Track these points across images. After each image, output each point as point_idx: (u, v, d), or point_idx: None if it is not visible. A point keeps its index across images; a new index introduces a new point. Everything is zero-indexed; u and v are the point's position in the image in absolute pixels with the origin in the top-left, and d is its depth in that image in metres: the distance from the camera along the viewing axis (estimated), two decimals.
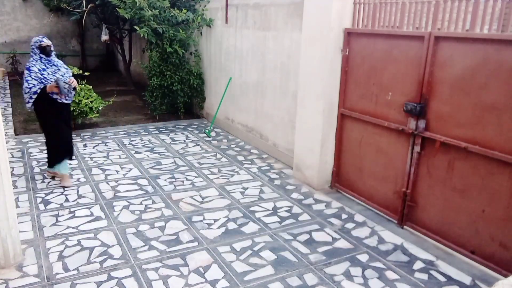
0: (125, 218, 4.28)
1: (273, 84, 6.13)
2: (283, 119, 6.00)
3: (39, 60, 4.79)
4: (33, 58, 4.81)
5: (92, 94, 7.26)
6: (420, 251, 3.81)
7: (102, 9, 10.06)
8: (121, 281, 3.28)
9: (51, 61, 4.88)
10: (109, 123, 7.99)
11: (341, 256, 3.71)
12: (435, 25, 3.74)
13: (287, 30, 5.67)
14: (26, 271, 3.39)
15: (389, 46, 4.13)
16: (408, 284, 3.34)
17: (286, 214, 4.48)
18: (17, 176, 5.27)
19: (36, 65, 4.75)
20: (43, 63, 4.79)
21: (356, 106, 4.63)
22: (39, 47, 4.78)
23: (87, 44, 14.37)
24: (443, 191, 3.79)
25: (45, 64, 4.81)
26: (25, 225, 4.08)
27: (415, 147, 3.97)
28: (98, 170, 5.57)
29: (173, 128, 7.80)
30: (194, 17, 7.72)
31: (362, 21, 4.51)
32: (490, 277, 3.42)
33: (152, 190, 4.98)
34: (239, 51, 6.92)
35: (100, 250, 3.69)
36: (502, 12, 3.25)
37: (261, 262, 3.59)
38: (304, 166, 5.26)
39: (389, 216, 4.39)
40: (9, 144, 6.46)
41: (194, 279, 3.33)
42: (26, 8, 13.35)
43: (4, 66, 13.09)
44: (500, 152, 3.29)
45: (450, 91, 3.61)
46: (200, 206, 4.62)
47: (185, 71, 8.05)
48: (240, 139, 7.17)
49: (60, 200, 4.65)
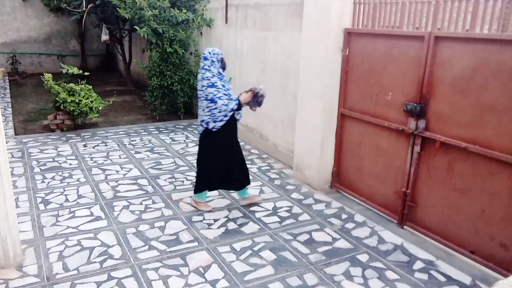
0: (125, 218, 4.28)
1: (273, 84, 6.13)
2: (283, 119, 6.00)
3: (217, 74, 4.19)
4: (213, 73, 4.15)
5: (92, 94, 7.27)
6: (420, 251, 3.81)
7: (102, 9, 10.06)
8: (121, 281, 3.28)
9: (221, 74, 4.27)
10: (109, 123, 7.99)
11: (341, 256, 3.71)
12: (435, 25, 3.74)
13: (287, 30, 5.66)
14: (26, 271, 3.39)
15: (389, 46, 4.13)
16: (408, 284, 3.34)
17: (286, 214, 4.48)
18: (17, 176, 5.27)
19: (218, 80, 4.17)
20: (218, 78, 4.19)
21: (356, 106, 4.63)
22: (221, 60, 4.24)
23: (87, 44, 14.38)
24: (443, 191, 3.79)
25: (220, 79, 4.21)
26: (25, 225, 4.08)
27: (415, 147, 3.97)
28: (98, 170, 5.57)
29: (173, 128, 7.80)
30: (194, 17, 7.72)
31: (362, 21, 4.51)
32: (490, 277, 3.42)
33: (152, 190, 4.98)
34: (239, 51, 6.92)
35: (100, 250, 3.69)
36: (502, 12, 3.25)
37: (261, 262, 3.59)
38: (304, 166, 5.26)
39: (389, 216, 4.38)
40: (9, 144, 6.46)
41: (194, 279, 3.33)
42: (26, 8, 13.36)
43: (4, 66, 13.09)
44: (500, 152, 3.29)
45: (450, 91, 3.61)
46: None
47: (185, 71, 8.05)
48: (240, 139, 7.15)
49: (60, 200, 4.65)
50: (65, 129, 7.27)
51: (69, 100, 6.88)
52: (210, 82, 4.10)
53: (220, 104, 4.09)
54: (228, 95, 4.15)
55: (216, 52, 4.21)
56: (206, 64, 4.17)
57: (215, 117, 4.15)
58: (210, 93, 4.09)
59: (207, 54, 4.19)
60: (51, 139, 6.83)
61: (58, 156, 6.03)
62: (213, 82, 4.10)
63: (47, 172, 5.45)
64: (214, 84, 4.10)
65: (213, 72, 4.15)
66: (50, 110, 8.16)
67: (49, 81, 6.98)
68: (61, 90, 6.96)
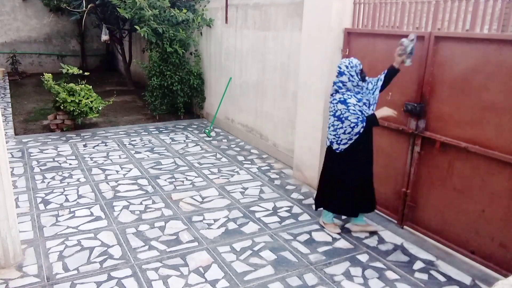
0: (125, 218, 4.28)
1: (273, 84, 6.13)
2: (283, 119, 5.99)
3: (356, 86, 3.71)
4: (347, 88, 3.70)
5: (92, 94, 7.27)
6: (420, 251, 3.81)
7: (102, 9, 10.06)
8: (121, 281, 3.28)
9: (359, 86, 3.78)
10: (109, 123, 7.99)
11: (341, 256, 3.71)
12: (435, 25, 3.74)
13: (287, 30, 5.66)
14: (26, 271, 3.38)
15: (389, 46, 4.12)
16: (408, 284, 3.34)
17: (286, 214, 4.48)
18: (17, 176, 5.27)
19: (353, 96, 3.69)
20: (356, 91, 3.73)
21: None
22: (360, 72, 3.73)
23: (87, 44, 14.38)
24: (443, 191, 3.79)
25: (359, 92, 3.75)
26: (25, 225, 4.08)
27: (415, 147, 3.97)
28: (98, 170, 5.57)
29: (173, 128, 7.80)
30: (194, 17, 7.72)
31: (362, 21, 4.51)
32: (490, 277, 3.42)
33: (152, 190, 4.98)
34: (239, 51, 6.92)
35: (100, 250, 3.69)
36: (502, 12, 3.25)
37: (261, 262, 3.59)
38: (304, 166, 5.25)
39: (389, 216, 4.38)
40: (9, 144, 6.46)
41: (194, 279, 3.33)
42: (26, 8, 13.36)
43: (4, 66, 13.09)
44: (500, 152, 3.29)
45: (450, 91, 3.61)
46: (200, 206, 4.62)
47: (185, 71, 8.05)
48: (240, 139, 7.17)
49: (60, 200, 4.65)
50: (65, 129, 7.27)
51: (69, 100, 6.88)
52: (343, 97, 3.66)
53: (346, 125, 3.65)
54: (361, 113, 3.64)
55: (354, 64, 3.69)
56: (342, 80, 3.71)
57: (339, 138, 3.74)
58: (339, 110, 3.67)
59: (343, 69, 3.68)
60: (51, 139, 6.83)
61: (58, 156, 6.03)
62: (346, 98, 3.65)
63: (47, 172, 5.45)
64: (346, 101, 3.64)
65: (348, 87, 3.69)
66: (50, 110, 8.16)
67: (49, 81, 6.98)
68: (61, 90, 6.96)
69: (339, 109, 3.67)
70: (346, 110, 3.63)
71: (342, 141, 3.74)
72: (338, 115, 3.68)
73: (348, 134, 3.69)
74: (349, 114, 3.62)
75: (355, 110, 3.62)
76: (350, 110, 3.62)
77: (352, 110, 3.62)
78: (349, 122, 3.64)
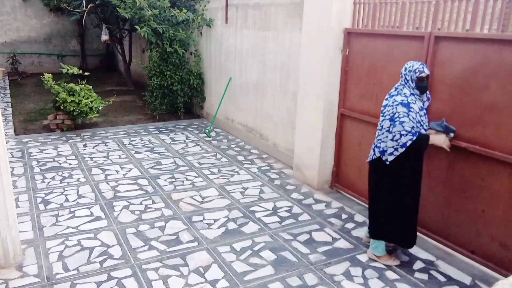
0: (125, 218, 4.28)
1: (273, 84, 6.13)
2: (283, 119, 6.00)
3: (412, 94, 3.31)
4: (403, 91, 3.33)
5: (92, 94, 7.27)
6: (420, 251, 3.81)
7: (102, 9, 10.06)
8: (121, 281, 3.28)
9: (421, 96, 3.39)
10: (109, 123, 7.99)
11: (341, 256, 3.71)
12: (435, 25, 3.74)
13: (287, 30, 5.67)
14: (26, 271, 3.39)
15: (389, 46, 4.13)
16: (408, 284, 3.34)
17: (286, 214, 4.48)
18: (17, 176, 5.27)
19: (417, 101, 3.32)
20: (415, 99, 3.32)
21: (356, 106, 4.63)
22: (418, 80, 3.28)
23: (87, 44, 14.38)
24: (443, 191, 3.79)
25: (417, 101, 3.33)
26: (25, 225, 4.08)
27: None
28: (98, 170, 5.57)
29: (173, 128, 7.80)
30: (194, 17, 7.72)
31: (362, 21, 4.51)
32: (490, 277, 3.42)
33: (152, 190, 4.98)
34: (239, 51, 6.92)
35: (100, 250, 3.69)
36: (502, 12, 3.25)
37: (261, 262, 3.59)
38: (304, 166, 5.26)
39: None
40: (9, 144, 6.46)
41: (194, 279, 3.33)
42: (26, 8, 13.36)
43: (4, 66, 13.09)
44: (500, 152, 3.29)
45: (450, 91, 3.61)
46: (200, 206, 4.62)
47: (185, 71, 8.05)
48: (240, 139, 7.17)
49: (60, 200, 4.65)
50: (65, 129, 7.27)
51: (69, 100, 6.89)
52: (406, 100, 3.24)
53: (396, 130, 3.22)
54: (420, 123, 3.26)
55: (413, 69, 3.29)
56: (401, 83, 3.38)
57: (386, 146, 3.34)
58: (398, 112, 3.23)
59: (402, 71, 3.37)
60: (51, 139, 6.83)
61: (58, 156, 6.03)
62: (409, 102, 3.24)
63: (47, 172, 5.45)
64: (409, 104, 3.22)
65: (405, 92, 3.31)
66: (50, 110, 8.16)
67: (49, 81, 6.98)
68: (61, 90, 6.96)
69: (398, 111, 3.22)
70: (406, 114, 3.20)
71: (389, 150, 3.31)
72: (395, 118, 3.24)
73: (395, 142, 3.25)
74: (406, 120, 3.19)
75: (415, 119, 3.22)
76: (410, 116, 3.20)
77: (412, 116, 3.20)
78: (401, 127, 3.20)
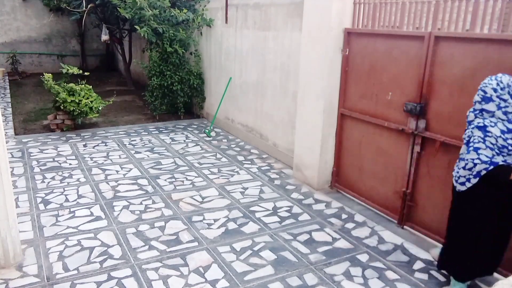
0: (125, 218, 4.28)
1: (273, 84, 6.13)
2: (283, 119, 5.99)
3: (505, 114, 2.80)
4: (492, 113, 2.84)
5: (92, 94, 7.27)
6: (420, 251, 3.81)
7: (102, 9, 10.06)
8: (121, 281, 3.28)
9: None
10: (109, 123, 7.99)
11: (341, 256, 3.71)
12: (435, 25, 3.74)
13: (287, 30, 5.66)
14: (26, 271, 3.39)
15: (389, 46, 4.13)
16: (408, 284, 3.34)
17: (286, 214, 4.48)
18: (17, 176, 5.27)
19: (499, 122, 2.82)
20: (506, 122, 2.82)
21: (356, 106, 4.63)
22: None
23: (87, 44, 14.37)
24: (443, 191, 3.79)
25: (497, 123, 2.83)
26: (25, 225, 4.08)
27: (415, 147, 3.97)
28: (98, 170, 5.57)
29: (173, 128, 7.80)
30: (194, 17, 7.72)
31: (362, 21, 4.51)
32: (490, 277, 3.42)
33: (152, 190, 4.98)
34: (239, 51, 6.92)
35: (100, 250, 3.69)
36: (502, 12, 3.25)
37: (261, 262, 3.59)
38: (304, 166, 5.26)
39: (389, 216, 4.38)
40: (9, 144, 6.46)
41: (194, 279, 3.33)
42: (26, 8, 13.35)
43: (4, 66, 13.09)
44: None
45: (450, 91, 3.61)
46: (200, 206, 4.62)
47: (185, 71, 8.05)
48: (240, 139, 7.17)
49: (60, 200, 4.65)
50: (65, 129, 7.27)
51: (69, 100, 6.88)
52: (483, 123, 2.84)
53: (469, 157, 2.86)
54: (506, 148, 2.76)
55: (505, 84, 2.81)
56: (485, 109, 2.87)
57: (457, 173, 3.01)
58: (473, 136, 2.87)
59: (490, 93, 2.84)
60: (51, 139, 6.83)
61: (58, 156, 6.03)
62: (486, 125, 2.82)
63: (47, 172, 5.45)
64: (485, 128, 2.81)
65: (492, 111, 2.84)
66: (50, 110, 8.16)
67: (49, 81, 6.98)
68: (61, 90, 6.96)
69: (474, 135, 2.85)
70: (481, 140, 2.80)
71: (460, 179, 2.98)
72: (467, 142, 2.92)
73: (468, 171, 2.87)
74: (482, 146, 2.79)
75: (494, 145, 2.77)
76: (486, 142, 2.78)
77: (489, 143, 2.77)
78: (475, 155, 2.81)
